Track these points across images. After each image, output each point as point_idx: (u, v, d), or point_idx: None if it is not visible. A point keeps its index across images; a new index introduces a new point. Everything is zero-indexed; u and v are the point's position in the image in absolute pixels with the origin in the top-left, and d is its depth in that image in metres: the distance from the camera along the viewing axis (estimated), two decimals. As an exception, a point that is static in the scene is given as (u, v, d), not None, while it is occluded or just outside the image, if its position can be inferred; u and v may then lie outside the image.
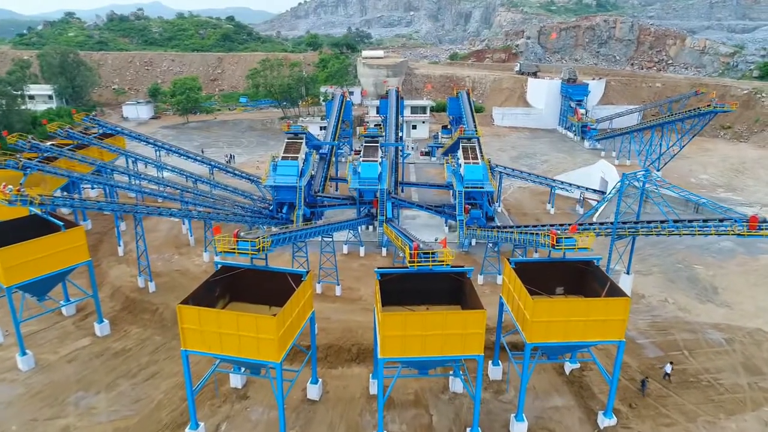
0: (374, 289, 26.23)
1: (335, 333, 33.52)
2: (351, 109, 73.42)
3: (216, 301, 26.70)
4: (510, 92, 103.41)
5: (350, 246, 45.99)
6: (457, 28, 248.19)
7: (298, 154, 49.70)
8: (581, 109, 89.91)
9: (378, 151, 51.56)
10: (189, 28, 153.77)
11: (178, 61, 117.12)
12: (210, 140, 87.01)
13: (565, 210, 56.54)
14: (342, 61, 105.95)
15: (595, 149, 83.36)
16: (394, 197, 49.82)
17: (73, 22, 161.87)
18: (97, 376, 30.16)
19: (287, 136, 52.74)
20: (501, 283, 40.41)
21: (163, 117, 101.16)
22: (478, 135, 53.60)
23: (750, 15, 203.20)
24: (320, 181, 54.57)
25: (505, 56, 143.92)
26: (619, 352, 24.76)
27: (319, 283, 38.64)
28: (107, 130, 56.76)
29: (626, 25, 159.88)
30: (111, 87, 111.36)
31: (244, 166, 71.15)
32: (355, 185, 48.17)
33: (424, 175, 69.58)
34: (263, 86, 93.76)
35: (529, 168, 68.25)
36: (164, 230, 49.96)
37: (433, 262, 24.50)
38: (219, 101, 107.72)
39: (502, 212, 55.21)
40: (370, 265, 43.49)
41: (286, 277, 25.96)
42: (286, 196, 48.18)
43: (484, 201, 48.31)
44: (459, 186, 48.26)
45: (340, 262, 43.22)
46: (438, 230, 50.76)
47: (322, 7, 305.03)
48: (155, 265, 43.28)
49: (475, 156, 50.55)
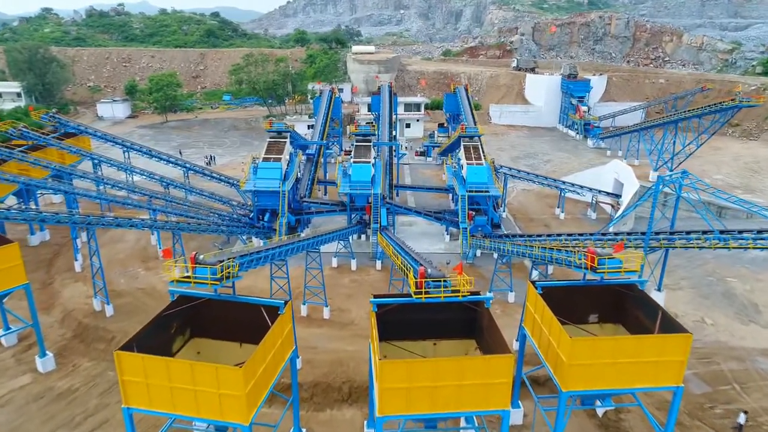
0: (370, 321, 21.14)
1: (322, 366, 28.34)
2: (340, 107, 68.29)
3: (172, 339, 21.46)
4: (507, 89, 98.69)
5: (340, 258, 40.80)
6: (447, 27, 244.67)
7: (281, 155, 44.44)
8: (583, 107, 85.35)
9: (371, 151, 46.44)
10: (171, 25, 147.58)
11: (158, 58, 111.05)
12: (190, 140, 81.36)
13: (575, 215, 51.76)
14: (330, 56, 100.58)
15: (599, 148, 78.79)
16: (389, 203, 44.72)
17: (50, 19, 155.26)
18: (32, 425, 24.74)
19: (269, 135, 47.51)
20: (514, 301, 35.71)
21: (142, 116, 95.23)
22: (480, 133, 48.58)
23: (742, 13, 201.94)
24: (307, 185, 49.31)
25: (500, 53, 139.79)
26: (676, 399, 19.82)
27: (304, 305, 33.41)
28: (69, 129, 51.05)
29: (622, 22, 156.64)
30: (86, 84, 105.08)
31: (226, 168, 65.72)
32: (346, 189, 43.03)
33: (419, 176, 64.53)
34: (247, 83, 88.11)
35: (532, 168, 63.45)
36: (131, 241, 44.44)
37: (445, 293, 19.34)
38: (201, 99, 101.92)
39: (507, 218, 50.27)
40: (363, 281, 38.38)
41: (260, 309, 20.76)
42: (268, 201, 42.90)
43: (489, 206, 43.33)
44: (461, 189, 43.25)
45: (329, 278, 38.06)
46: (437, 239, 45.72)
47: (311, 6, 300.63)
48: (117, 282, 37.89)
49: (478, 156, 45.58)
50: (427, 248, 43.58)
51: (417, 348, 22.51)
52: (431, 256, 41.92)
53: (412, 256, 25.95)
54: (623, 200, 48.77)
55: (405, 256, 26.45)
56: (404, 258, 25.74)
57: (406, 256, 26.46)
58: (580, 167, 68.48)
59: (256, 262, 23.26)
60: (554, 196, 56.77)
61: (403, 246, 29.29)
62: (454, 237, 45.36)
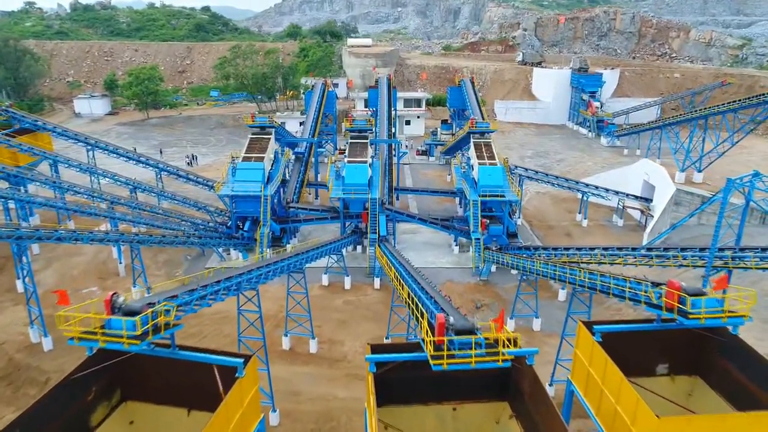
0: (366, 384, 15.23)
1: (307, 421, 22.34)
2: (335, 101, 62.24)
3: (92, 405, 15.45)
4: (513, 84, 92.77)
5: (332, 275, 34.76)
6: (446, 25, 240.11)
7: (264, 154, 38.44)
8: (596, 102, 79.49)
9: (367, 149, 40.46)
10: (159, 19, 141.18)
11: (141, 51, 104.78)
12: (172, 138, 75.19)
13: (598, 221, 45.87)
14: (325, 49, 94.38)
15: (614, 147, 72.96)
16: (388, 209, 38.72)
17: (33, 13, 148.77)
18: None
19: (251, 130, 41.52)
20: (540, 329, 29.76)
21: (123, 113, 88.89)
22: (493, 128, 42.65)
23: (744, 10, 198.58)
24: (295, 188, 43.27)
25: (502, 48, 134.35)
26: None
27: (285, 336, 27.35)
28: (25, 125, 44.82)
29: (627, 17, 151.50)
30: (65, 80, 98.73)
31: (209, 168, 59.71)
32: (338, 194, 37.05)
33: (421, 178, 58.55)
34: (234, 77, 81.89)
35: (544, 168, 57.46)
36: (89, 254, 38.26)
37: (478, 355, 13.27)
38: (187, 95, 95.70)
39: (523, 225, 44.33)
40: (359, 303, 32.36)
41: (212, 369, 14.77)
42: (248, 208, 36.88)
43: (505, 213, 37.39)
44: (473, 194, 37.31)
45: (318, 299, 32.08)
46: (444, 250, 39.75)
47: (307, 4, 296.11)
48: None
49: (491, 155, 39.65)
50: (433, 261, 37.71)
51: (429, 415, 16.60)
52: (438, 272, 36.13)
53: (425, 289, 19.62)
54: (655, 205, 42.96)
55: (413, 287, 20.17)
56: (413, 291, 19.54)
57: (414, 286, 20.22)
58: (597, 167, 62.73)
59: (209, 299, 17.19)
60: (573, 200, 50.94)
61: (409, 270, 23.01)
62: (464, 248, 39.42)
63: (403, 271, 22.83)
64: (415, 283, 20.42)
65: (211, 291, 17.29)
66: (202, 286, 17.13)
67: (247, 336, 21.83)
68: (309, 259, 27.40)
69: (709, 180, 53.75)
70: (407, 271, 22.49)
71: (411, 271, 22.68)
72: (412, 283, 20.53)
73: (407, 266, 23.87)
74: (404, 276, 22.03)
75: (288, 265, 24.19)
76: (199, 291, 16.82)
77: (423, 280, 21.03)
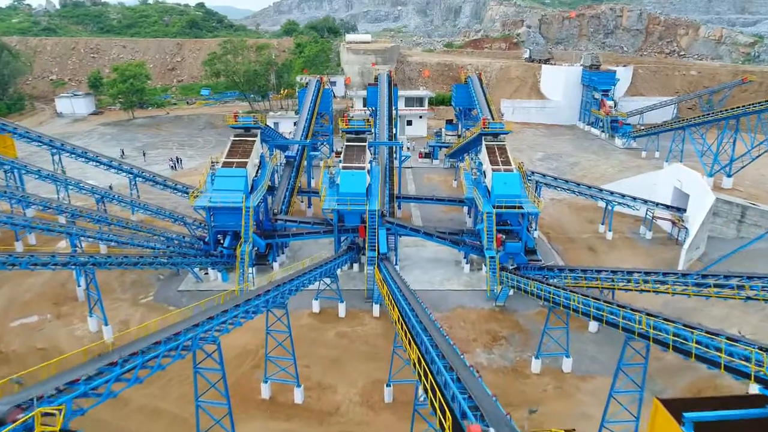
0: None
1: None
2: (331, 99, 57.48)
3: None
4: (520, 82, 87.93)
5: (324, 300, 29.91)
6: (446, 24, 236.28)
7: (247, 159, 33.61)
8: (609, 101, 74.69)
9: (365, 153, 35.63)
10: (152, 15, 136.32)
11: (130, 48, 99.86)
12: (158, 140, 70.38)
13: (624, 233, 41.04)
14: (321, 45, 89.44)
15: (630, 149, 68.17)
16: (389, 221, 33.88)
17: (22, 9, 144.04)
18: None
19: (234, 132, 36.73)
20: (571, 371, 24.90)
21: (108, 112, 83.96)
22: (507, 129, 37.84)
23: (749, 9, 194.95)
24: (284, 197, 38.38)
25: (505, 46, 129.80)
26: None
27: (264, 383, 22.49)
28: (-18, 126, 40.05)
29: (634, 14, 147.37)
30: (48, 78, 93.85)
31: (194, 173, 54.80)
32: (332, 204, 32.23)
33: (425, 183, 53.74)
34: (224, 73, 76.96)
35: (557, 172, 52.75)
36: (46, 275, 33.29)
37: None
38: (176, 94, 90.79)
39: (540, 238, 39.49)
40: (355, 336, 27.54)
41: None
42: (228, 221, 32.06)
43: (523, 227, 32.56)
44: (486, 204, 32.50)
45: (308, 330, 27.33)
46: (453, 268, 34.90)
47: (306, 2, 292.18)
48: (9, 336, 27.03)
49: (506, 159, 34.83)
50: (440, 282, 32.87)
51: None
52: (446, 296, 31.34)
53: (445, 356, 14.18)
54: (689, 216, 38.15)
55: (429, 351, 14.67)
56: (427, 357, 14.18)
57: (429, 348, 14.75)
58: (615, 171, 58.01)
59: (140, 370, 12.25)
60: (593, 208, 46.16)
61: (421, 318, 17.69)
62: (476, 265, 34.62)
63: (412, 315, 17.79)
64: (430, 343, 15.26)
65: (141, 362, 12.37)
66: (125, 359, 12.15)
67: (208, 401, 16.96)
68: (294, 290, 22.56)
69: (740, 186, 49.06)
70: (417, 317, 17.43)
71: (423, 318, 17.51)
72: (426, 341, 15.31)
73: (417, 309, 18.77)
74: (413, 324, 16.97)
75: (266, 301, 19.33)
76: (118, 366, 11.85)
77: (440, 335, 15.99)
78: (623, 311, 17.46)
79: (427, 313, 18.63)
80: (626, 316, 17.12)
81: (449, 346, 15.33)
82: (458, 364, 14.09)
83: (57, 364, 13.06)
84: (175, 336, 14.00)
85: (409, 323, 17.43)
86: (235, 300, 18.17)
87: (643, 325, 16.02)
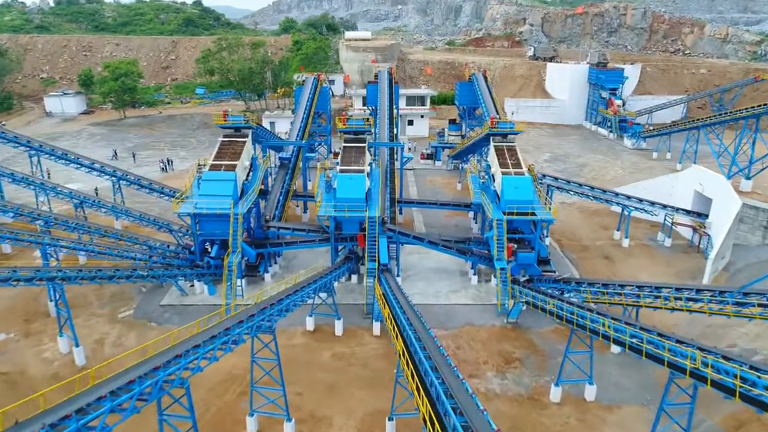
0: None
1: None
2: (329, 98, 54.84)
3: None
4: (525, 81, 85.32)
5: (319, 317, 27.27)
6: (447, 23, 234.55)
7: (236, 161, 31.03)
8: (617, 100, 72.10)
9: (365, 154, 33.03)
10: (147, 13, 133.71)
11: (123, 46, 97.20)
12: (150, 140, 67.80)
13: (641, 240, 38.43)
14: (320, 42, 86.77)
15: (640, 149, 65.57)
16: (390, 229, 31.29)
17: (15, 7, 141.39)
18: None
19: (223, 132, 34.20)
20: (595, 400, 22.29)
21: (99, 112, 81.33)
22: (517, 129, 35.25)
23: (752, 8, 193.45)
24: (277, 202, 35.75)
25: (508, 44, 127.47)
26: None
27: (251, 416, 19.86)
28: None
29: (638, 12, 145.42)
30: (39, 76, 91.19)
31: (186, 175, 51.99)
32: (328, 211, 29.62)
33: (427, 186, 51.16)
34: (219, 71, 74.30)
35: (566, 174, 50.19)
36: (16, 289, 30.70)
37: None
38: (170, 93, 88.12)
39: (551, 245, 36.87)
40: (353, 358, 24.93)
41: None
42: (215, 229, 29.47)
43: (536, 235, 29.98)
44: (495, 211, 29.95)
45: (301, 351, 24.81)
46: (459, 279, 32.30)
47: (306, 2, 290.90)
48: (-29, 359, 24.43)
49: (516, 162, 32.27)
50: (446, 295, 30.28)
51: None
52: (453, 311, 28.74)
53: (464, 415, 11.57)
54: (712, 222, 35.57)
55: (442, 398, 12.14)
56: (437, 401, 11.66)
57: (441, 394, 12.20)
58: (626, 173, 55.44)
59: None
60: (605, 213, 43.63)
61: (432, 353, 14.74)
62: (484, 276, 32.04)
63: (419, 347, 15.09)
64: (443, 390, 12.53)
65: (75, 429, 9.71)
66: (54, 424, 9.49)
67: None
68: (284, 311, 19.94)
69: (759, 189, 46.47)
70: (426, 352, 14.69)
71: (434, 354, 14.71)
72: (439, 389, 12.56)
73: (426, 341, 16.03)
74: (421, 359, 14.24)
75: (250, 328, 16.70)
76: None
77: (452, 374, 13.33)
78: (667, 342, 14.81)
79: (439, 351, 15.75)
80: (673, 350, 14.45)
81: (467, 396, 12.58)
82: (473, 417, 11.49)
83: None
84: (128, 386, 11.39)
85: (416, 361, 14.65)
86: (209, 331, 15.45)
87: (698, 364, 13.38)
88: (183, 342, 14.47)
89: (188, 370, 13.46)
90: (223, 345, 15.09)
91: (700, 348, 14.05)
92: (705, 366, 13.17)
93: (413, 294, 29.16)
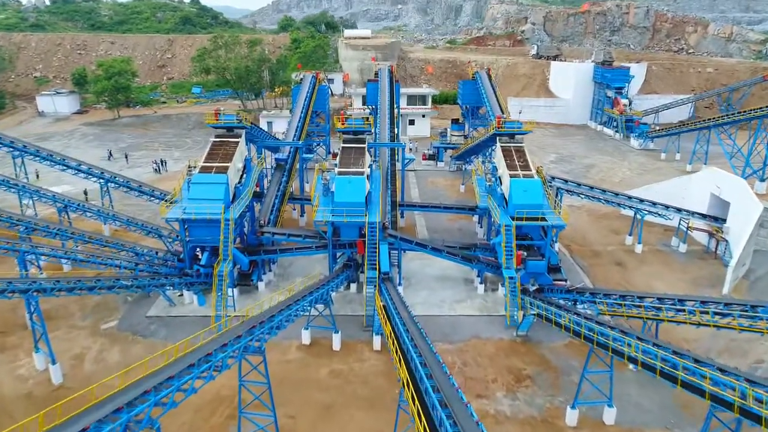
0: None
1: None
2: (327, 97, 53.09)
3: None
4: (528, 80, 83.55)
5: (315, 330, 25.51)
6: (447, 23, 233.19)
7: (228, 163, 29.26)
8: (623, 99, 70.39)
9: (365, 156, 31.24)
10: (144, 11, 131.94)
11: (118, 44, 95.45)
12: (144, 140, 66.03)
13: (654, 246, 36.64)
14: (318, 40, 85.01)
15: (647, 150, 63.84)
16: (392, 234, 29.52)
17: (10, 5, 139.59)
18: None
19: (215, 133, 32.44)
20: (615, 423, 20.48)
21: (93, 111, 79.62)
22: (526, 129, 33.51)
23: (754, 7, 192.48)
24: (272, 205, 33.98)
25: (510, 43, 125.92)
26: None
27: (238, 443, 18.12)
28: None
29: (641, 11, 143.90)
30: (32, 75, 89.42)
31: (179, 176, 50.29)
32: (326, 216, 27.81)
33: (429, 188, 49.41)
34: (215, 70, 72.52)
35: (573, 176, 48.41)
36: (-5, 296, 28.99)
37: None
38: (166, 92, 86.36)
39: (561, 251, 35.10)
40: (352, 375, 23.13)
41: None
42: (206, 235, 27.66)
43: (546, 242, 28.22)
44: (503, 216, 28.18)
45: (295, 368, 23.01)
46: (464, 287, 30.53)
47: (305, 1, 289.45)
48: (-59, 377, 22.64)
49: (525, 164, 30.53)
50: (451, 306, 28.51)
51: None
52: (459, 323, 26.97)
53: None
54: (730, 227, 33.80)
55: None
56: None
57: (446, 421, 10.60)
58: (634, 175, 53.69)
59: None
60: (614, 216, 41.93)
61: (439, 383, 12.90)
62: (492, 284, 30.28)
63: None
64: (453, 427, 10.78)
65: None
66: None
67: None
68: (276, 328, 18.15)
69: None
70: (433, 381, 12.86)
71: (443, 387, 12.90)
72: (446, 423, 10.98)
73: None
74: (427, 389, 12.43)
75: (237, 350, 14.91)
76: None
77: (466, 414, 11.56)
78: (709, 371, 13.00)
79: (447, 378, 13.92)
80: (715, 379, 12.65)
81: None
82: None
83: None
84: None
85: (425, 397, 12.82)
86: (186, 358, 13.63)
87: (749, 401, 11.58)
88: (154, 373, 12.67)
89: (160, 407, 11.71)
90: (203, 374, 13.32)
91: (748, 380, 12.28)
92: (759, 403, 11.38)
93: (416, 304, 27.43)
